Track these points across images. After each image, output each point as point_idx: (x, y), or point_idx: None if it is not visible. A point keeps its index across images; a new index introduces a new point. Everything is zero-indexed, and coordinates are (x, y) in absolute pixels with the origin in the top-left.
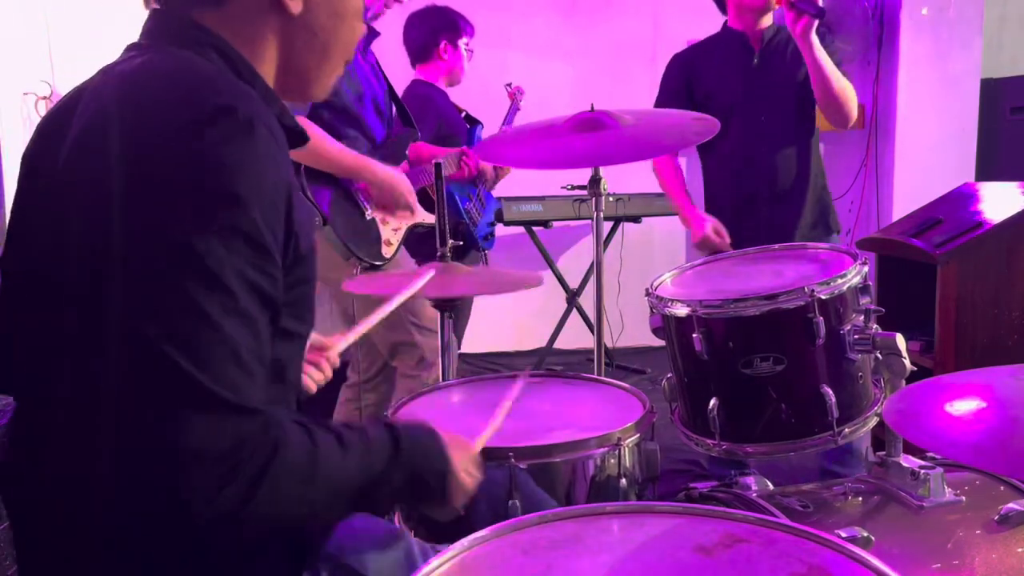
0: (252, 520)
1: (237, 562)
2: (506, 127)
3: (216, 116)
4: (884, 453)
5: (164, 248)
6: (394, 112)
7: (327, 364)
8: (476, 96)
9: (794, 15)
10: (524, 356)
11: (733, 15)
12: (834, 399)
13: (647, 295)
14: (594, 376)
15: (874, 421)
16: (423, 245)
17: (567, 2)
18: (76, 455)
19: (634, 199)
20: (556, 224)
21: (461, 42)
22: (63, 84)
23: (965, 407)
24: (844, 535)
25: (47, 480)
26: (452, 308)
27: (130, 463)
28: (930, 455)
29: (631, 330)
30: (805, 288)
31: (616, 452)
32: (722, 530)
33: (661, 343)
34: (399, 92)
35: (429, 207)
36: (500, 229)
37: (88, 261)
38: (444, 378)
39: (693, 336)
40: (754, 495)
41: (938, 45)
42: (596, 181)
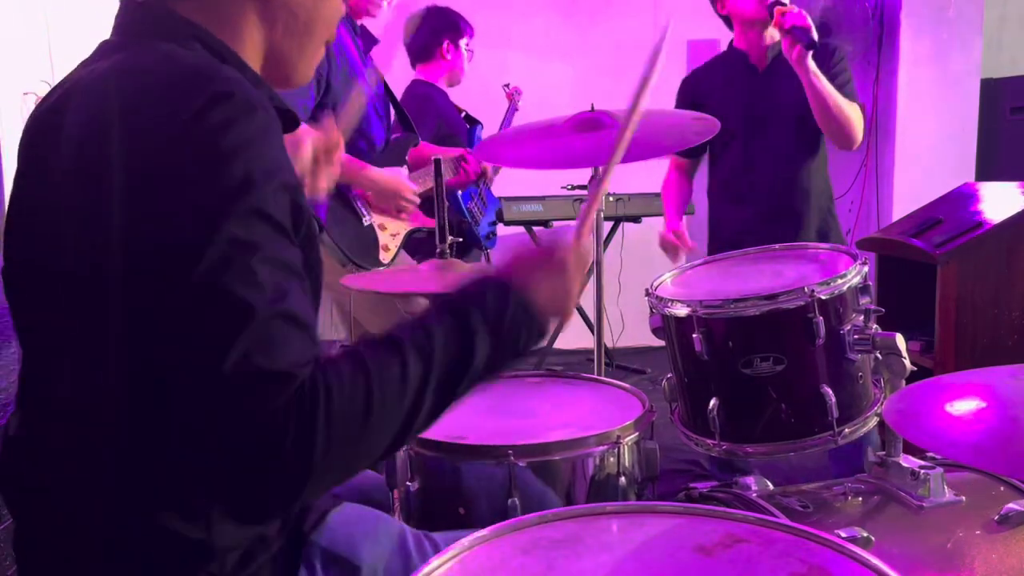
0: (328, 468)
1: (236, 559)
2: (505, 128)
3: (214, 101)
4: (884, 453)
5: (186, 238)
6: (393, 117)
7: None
8: (476, 96)
9: (789, 41)
10: None
11: (738, 32)
12: (834, 399)
13: (647, 295)
14: (594, 376)
15: (874, 421)
16: (423, 244)
17: (567, 2)
18: (76, 455)
19: (634, 199)
20: (556, 224)
21: (462, 42)
22: None
23: (965, 407)
24: (844, 535)
25: (47, 479)
26: None
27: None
28: (930, 455)
29: (631, 330)
30: (805, 288)
31: (615, 450)
32: (722, 530)
33: (661, 343)
34: (399, 92)
35: (430, 211)
36: (500, 229)
37: (91, 260)
38: None
39: (693, 336)
40: (754, 495)
41: (938, 45)
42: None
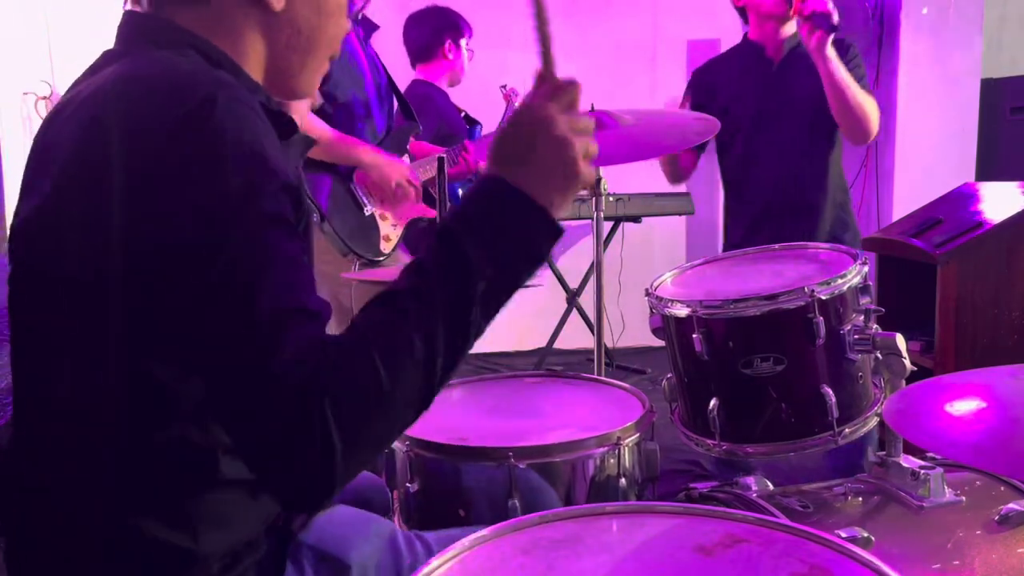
0: (355, 444)
1: (223, 563)
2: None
3: (210, 103)
4: (884, 453)
5: (196, 239)
6: (395, 105)
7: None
8: (475, 97)
9: (808, 28)
10: (524, 356)
11: (754, 24)
12: (834, 399)
13: (647, 295)
14: (594, 376)
15: (874, 421)
16: (425, 235)
17: (567, 2)
18: (76, 455)
19: (634, 199)
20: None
21: (463, 42)
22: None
23: (965, 407)
24: (844, 535)
25: (47, 479)
26: None
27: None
28: (930, 455)
29: (631, 330)
30: (805, 288)
31: (616, 452)
32: (722, 530)
33: (661, 343)
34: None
35: (431, 203)
36: None
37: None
38: None
39: (693, 336)
40: (754, 495)
41: (938, 45)
42: (596, 181)
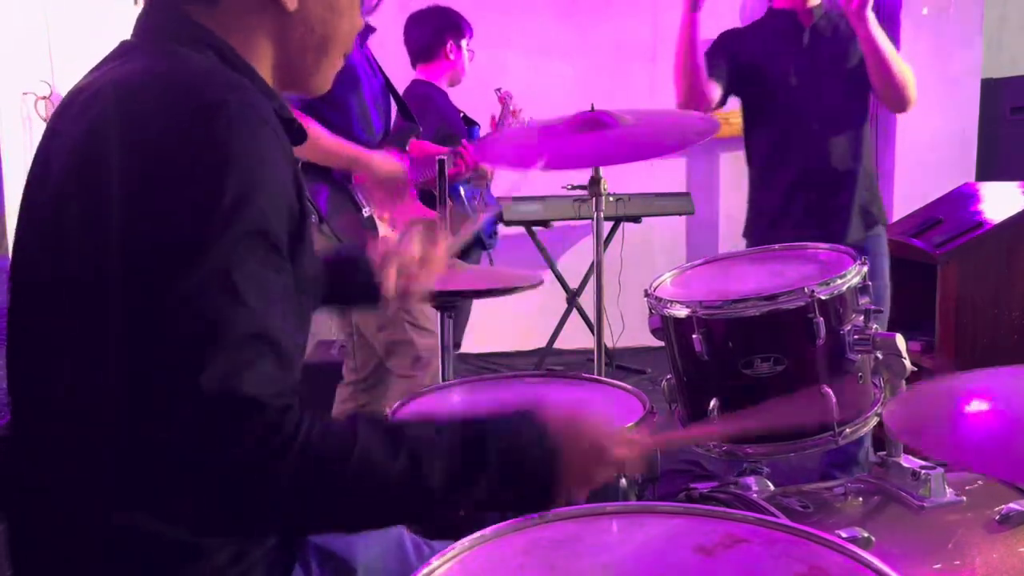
0: (283, 518)
1: (233, 557)
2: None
3: (211, 111)
4: (884, 453)
5: (177, 247)
6: (393, 107)
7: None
8: (475, 97)
9: None
10: (524, 356)
11: None
12: (834, 399)
13: (646, 296)
14: (594, 376)
15: (874, 421)
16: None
17: (567, 2)
18: (75, 456)
19: (634, 199)
20: (556, 224)
21: (464, 43)
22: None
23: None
24: (844, 535)
25: (47, 479)
26: (452, 308)
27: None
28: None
29: (631, 330)
30: (805, 288)
31: None
32: (722, 530)
33: (661, 343)
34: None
35: (431, 204)
36: (500, 229)
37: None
38: (444, 378)
39: (693, 337)
40: (754, 495)
41: (938, 45)
42: (596, 181)
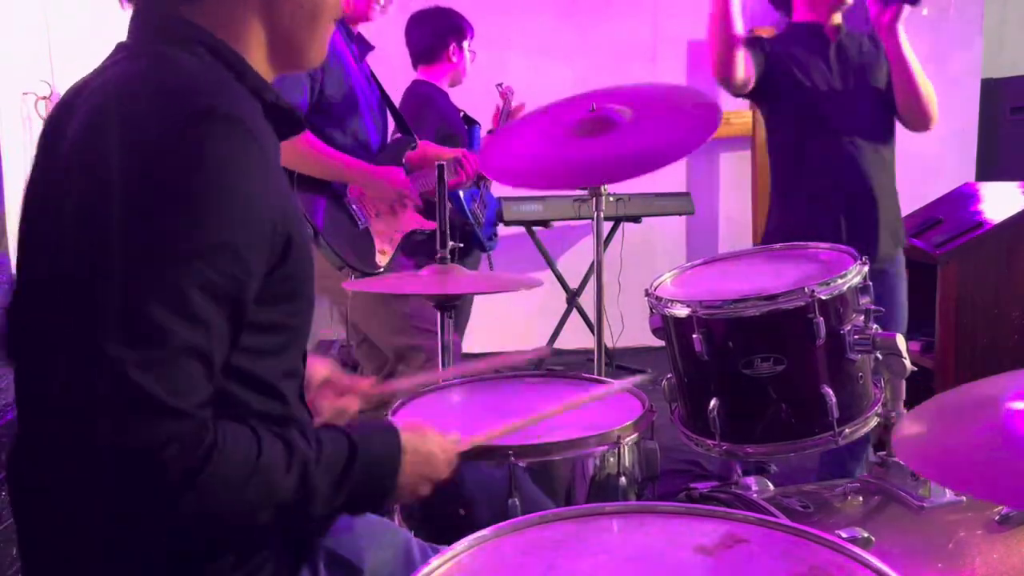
0: (181, 517)
1: (237, 557)
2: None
3: (198, 118)
4: (884, 453)
5: (129, 251)
6: (390, 120)
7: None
8: (475, 97)
9: (880, 5)
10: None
11: (804, 9)
12: (834, 399)
13: (647, 295)
14: (594, 376)
15: (874, 421)
16: (423, 246)
17: (567, 2)
18: (72, 455)
19: (634, 199)
20: (556, 224)
21: (465, 44)
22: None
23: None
24: (844, 535)
25: (47, 479)
26: (452, 308)
27: (81, 460)
28: None
29: (631, 330)
30: (805, 288)
31: (615, 451)
32: (722, 530)
33: (661, 343)
34: (399, 92)
35: (431, 213)
36: (500, 229)
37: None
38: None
39: (693, 336)
40: (754, 495)
41: (938, 45)
42: None
